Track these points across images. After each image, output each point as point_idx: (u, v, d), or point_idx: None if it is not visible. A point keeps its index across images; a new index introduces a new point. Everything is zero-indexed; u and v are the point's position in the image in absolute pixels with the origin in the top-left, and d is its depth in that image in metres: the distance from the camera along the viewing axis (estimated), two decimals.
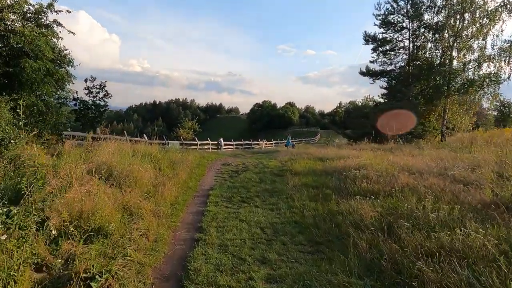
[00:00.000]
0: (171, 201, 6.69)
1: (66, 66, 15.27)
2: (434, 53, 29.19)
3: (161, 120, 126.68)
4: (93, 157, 7.50)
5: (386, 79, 31.99)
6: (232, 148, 30.80)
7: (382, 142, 24.40)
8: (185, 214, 6.23)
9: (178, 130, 35.27)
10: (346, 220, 5.53)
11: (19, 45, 12.50)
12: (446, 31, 27.08)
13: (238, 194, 7.75)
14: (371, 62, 31.77)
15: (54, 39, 14.52)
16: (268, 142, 42.42)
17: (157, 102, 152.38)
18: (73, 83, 22.04)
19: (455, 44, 26.89)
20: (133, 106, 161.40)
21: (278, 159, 14.34)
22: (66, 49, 16.57)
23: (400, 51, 30.30)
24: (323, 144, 34.16)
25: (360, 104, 56.20)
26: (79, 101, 21.15)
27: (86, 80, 21.27)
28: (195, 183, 8.77)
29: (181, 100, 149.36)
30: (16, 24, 13.53)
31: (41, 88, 13.13)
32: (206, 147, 27.17)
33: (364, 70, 32.90)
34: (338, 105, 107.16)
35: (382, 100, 32.27)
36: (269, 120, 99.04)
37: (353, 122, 48.02)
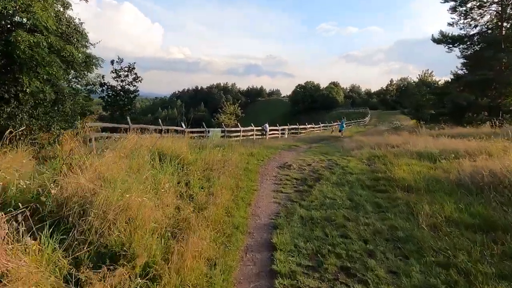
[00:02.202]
0: (199, 278, 3.14)
1: (78, 42, 12.35)
2: None
3: (203, 105, 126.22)
4: (67, 176, 4.19)
5: (466, 45, 25.55)
6: (278, 135, 27.03)
7: (472, 125, 19.04)
8: None
9: (219, 116, 32.14)
10: None
11: (10, 13, 9.66)
12: None
13: (329, 245, 4.00)
14: (449, 25, 25.64)
15: (59, 6, 11.59)
16: (316, 127, 37.80)
17: (199, 88, 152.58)
18: (101, 67, 19.48)
19: None
20: (177, 92, 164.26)
21: (353, 154, 10.32)
22: (82, 22, 13.69)
23: (492, 8, 23.78)
24: (387, 128, 28.96)
25: (415, 80, 49.18)
26: (106, 86, 18.63)
27: (112, 62, 18.51)
28: (244, 213, 5.15)
29: (222, 84, 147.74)
30: None
31: (45, 69, 10.32)
32: (250, 133, 23.88)
33: (438, 35, 26.67)
34: (389, 82, 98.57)
35: (461, 72, 25.91)
36: (312, 102, 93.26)
37: (419, 100, 41.84)
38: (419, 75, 46.66)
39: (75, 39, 12.02)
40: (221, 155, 8.69)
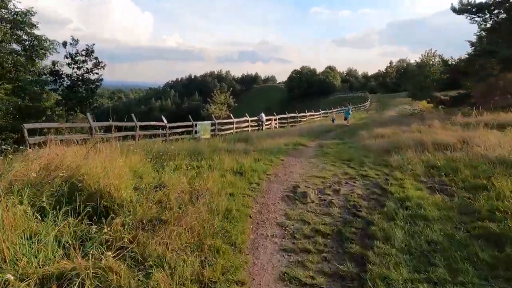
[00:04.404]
0: None
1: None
2: None
3: (197, 94, 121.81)
4: None
5: (494, 14, 21.74)
6: (271, 126, 23.34)
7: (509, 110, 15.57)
8: None
9: (209, 107, 28.32)
10: None
11: None
12: None
13: None
14: None
15: None
16: (316, 114, 34.12)
17: (193, 77, 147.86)
18: (56, 52, 15.76)
19: None
20: (170, 82, 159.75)
21: (394, 163, 6.81)
22: None
23: None
24: (396, 113, 25.38)
25: (418, 61, 45.11)
26: (59, 76, 14.74)
27: (65, 44, 14.48)
28: None
29: (216, 72, 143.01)
30: None
31: None
32: (244, 125, 20.40)
33: (459, 5, 22.77)
34: (389, 64, 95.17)
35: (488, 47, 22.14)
36: (308, 87, 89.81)
37: (421, 81, 38.60)
38: (422, 55, 42.71)
39: None
40: (187, 180, 5.15)
